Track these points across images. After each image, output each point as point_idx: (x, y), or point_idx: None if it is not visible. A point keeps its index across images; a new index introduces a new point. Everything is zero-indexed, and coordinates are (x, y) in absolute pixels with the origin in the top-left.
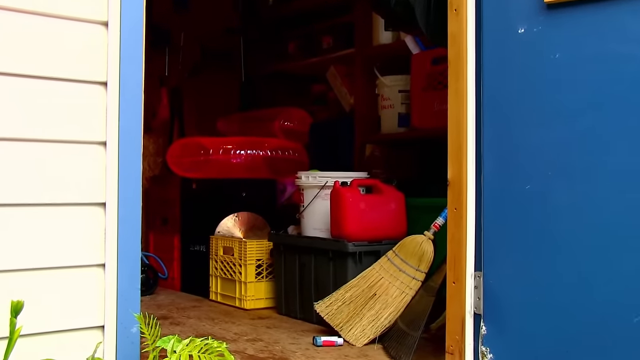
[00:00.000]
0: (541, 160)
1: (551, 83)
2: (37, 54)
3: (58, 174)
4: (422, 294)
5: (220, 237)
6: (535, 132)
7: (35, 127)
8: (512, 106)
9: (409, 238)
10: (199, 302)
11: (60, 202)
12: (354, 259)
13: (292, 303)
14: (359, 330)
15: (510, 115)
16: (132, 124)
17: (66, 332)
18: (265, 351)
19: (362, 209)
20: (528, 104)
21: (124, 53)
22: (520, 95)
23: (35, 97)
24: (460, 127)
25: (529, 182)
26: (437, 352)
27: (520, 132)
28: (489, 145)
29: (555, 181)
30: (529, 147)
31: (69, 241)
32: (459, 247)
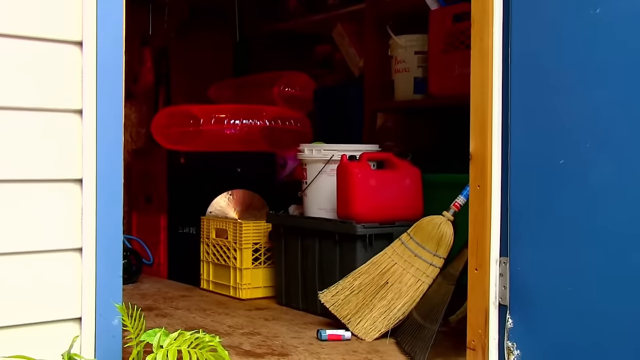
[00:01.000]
0: (578, 130)
1: (591, 42)
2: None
3: (27, 147)
4: (440, 282)
5: (213, 218)
6: (572, 98)
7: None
8: (545, 68)
9: (426, 219)
10: (188, 291)
11: (31, 179)
12: (364, 243)
13: (294, 292)
14: (369, 323)
15: (543, 79)
16: (112, 90)
17: (38, 325)
18: (263, 346)
19: (372, 187)
20: (563, 66)
21: (101, 7)
22: (554, 56)
23: None
24: (485, 94)
25: (564, 155)
26: (457, 348)
27: (554, 98)
28: (518, 113)
29: (594, 154)
30: (563, 115)
31: (40, 223)
32: (482, 230)
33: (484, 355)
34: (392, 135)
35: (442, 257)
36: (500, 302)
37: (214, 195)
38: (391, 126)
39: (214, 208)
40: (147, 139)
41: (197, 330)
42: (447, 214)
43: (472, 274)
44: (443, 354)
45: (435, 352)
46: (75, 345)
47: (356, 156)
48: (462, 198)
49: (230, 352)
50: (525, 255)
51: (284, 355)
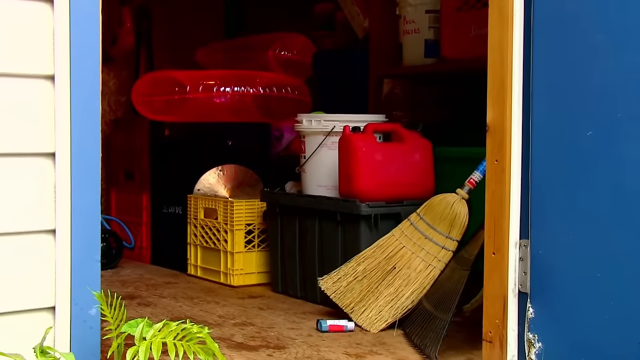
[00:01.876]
0: (608, 98)
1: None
2: None
3: None
4: (453, 267)
5: (201, 197)
6: (601, 63)
7: None
8: (572, 29)
9: (438, 198)
10: (174, 277)
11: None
12: (368, 224)
13: (291, 278)
14: (375, 313)
15: (569, 41)
16: (87, 52)
17: (6, 315)
18: (257, 338)
19: (378, 161)
20: (592, 26)
21: None
22: (581, 14)
23: None
24: (504, 57)
25: (593, 126)
26: (471, 340)
27: (581, 62)
28: (541, 79)
29: (626, 125)
30: (592, 81)
31: (7, 202)
32: (500, 209)
33: (501, 349)
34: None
35: (455, 240)
36: (520, 290)
37: (202, 171)
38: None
39: (202, 185)
40: (127, 108)
41: (183, 321)
42: (461, 192)
43: (488, 258)
44: (456, 346)
45: (447, 344)
46: (48, 338)
47: (360, 127)
48: (478, 174)
49: (220, 344)
50: (548, 238)
51: (280, 348)
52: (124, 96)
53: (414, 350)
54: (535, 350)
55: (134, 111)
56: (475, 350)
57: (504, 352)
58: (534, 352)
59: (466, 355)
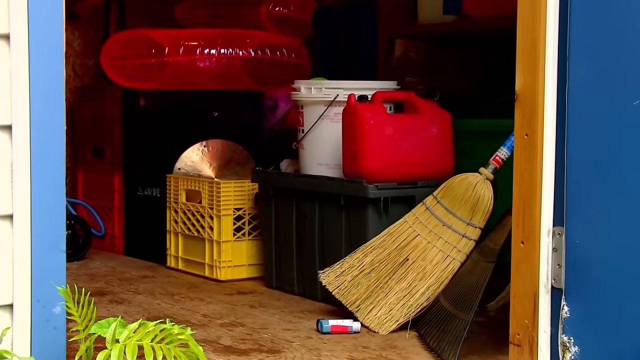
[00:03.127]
0: None
1: None
2: None
3: None
4: (475, 259)
5: (182, 177)
6: None
7: None
8: None
9: (458, 178)
10: (151, 270)
11: None
12: (377, 208)
13: (288, 272)
14: (384, 311)
15: None
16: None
17: None
18: (248, 340)
19: (388, 136)
20: None
21: None
22: None
23: None
24: (536, 14)
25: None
26: (496, 343)
27: (630, 19)
28: (580, 39)
29: None
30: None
31: None
32: (530, 191)
33: (531, 353)
34: (414, 69)
35: (478, 227)
36: (554, 285)
37: (184, 147)
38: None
39: (183, 163)
40: (96, 73)
41: (162, 320)
42: (485, 171)
43: (517, 249)
44: (479, 350)
45: (468, 348)
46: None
47: (368, 96)
48: (505, 150)
49: (205, 348)
50: (586, 225)
51: (275, 353)
52: (91, 59)
53: (429, 354)
54: (570, 355)
55: (103, 77)
56: (501, 355)
57: (534, 357)
58: (569, 357)
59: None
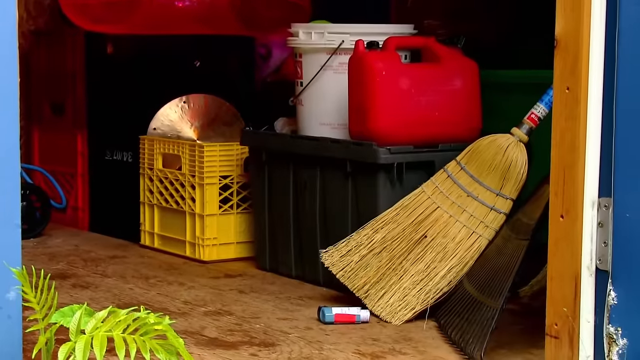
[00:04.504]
0: None
1: None
2: None
3: None
4: (506, 235)
5: (158, 139)
6: None
7: None
8: None
9: (486, 140)
10: (122, 249)
11: None
12: (390, 176)
13: (283, 251)
14: (398, 298)
15: None
16: None
17: None
18: (237, 332)
19: (403, 90)
20: None
21: None
22: None
23: None
24: None
25: None
26: (530, 335)
27: None
28: None
29: None
30: None
31: None
32: (572, 156)
33: (571, 346)
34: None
35: (509, 198)
36: (598, 266)
37: (160, 104)
38: None
39: (160, 123)
40: (54, 14)
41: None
42: (518, 132)
43: (555, 224)
44: (509, 343)
45: (497, 341)
46: None
47: (379, 43)
48: (542, 107)
49: (187, 340)
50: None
51: (269, 346)
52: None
53: (451, 348)
54: (617, 348)
55: (62, 19)
56: (535, 349)
57: (574, 350)
58: (616, 350)
59: (523, 356)
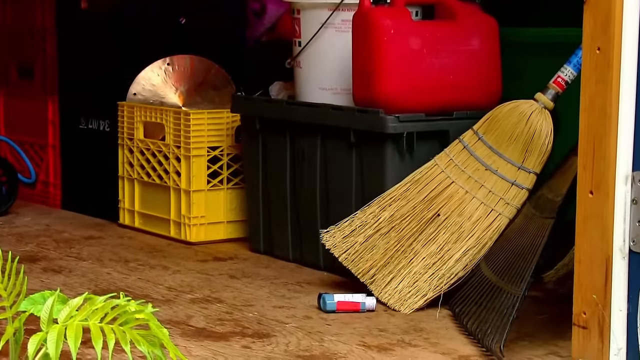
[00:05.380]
0: None
1: None
2: None
3: None
4: (529, 214)
5: (139, 105)
6: None
7: None
8: None
9: (507, 107)
10: (99, 229)
11: None
12: (399, 147)
13: (280, 232)
14: (407, 283)
15: None
16: None
17: None
18: (227, 321)
19: (414, 50)
20: None
21: None
22: None
23: None
24: None
25: None
26: (555, 325)
27: None
28: None
29: None
30: None
31: None
32: (603, 125)
33: (601, 337)
34: None
35: (532, 172)
36: (632, 248)
37: (141, 66)
38: None
39: (140, 87)
40: None
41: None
42: (543, 98)
43: (584, 201)
44: (532, 334)
45: (518, 332)
46: None
47: None
48: (570, 70)
49: (172, 330)
50: None
51: (263, 337)
52: None
53: (466, 339)
54: None
55: None
56: (561, 340)
57: (605, 342)
58: None
59: (547, 348)
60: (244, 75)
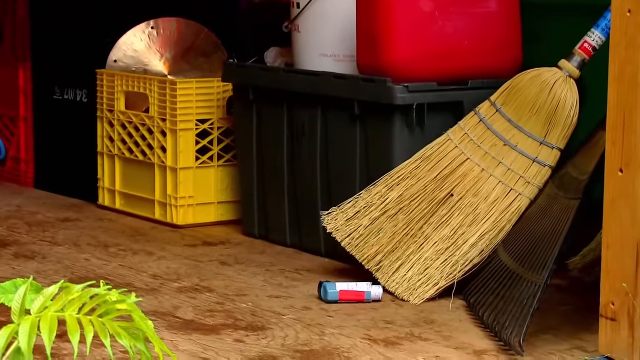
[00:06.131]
0: None
1: None
2: None
3: None
4: (552, 194)
5: (120, 74)
6: None
7: None
8: None
9: (527, 75)
10: (75, 210)
11: None
12: (408, 120)
13: (276, 214)
14: (417, 270)
15: None
16: None
17: None
18: (217, 312)
19: (425, 12)
20: None
21: None
22: None
23: None
24: None
25: None
26: (581, 316)
27: None
28: None
29: None
30: None
31: None
32: (634, 95)
33: (631, 329)
34: None
35: (556, 147)
36: None
37: (122, 29)
38: None
39: (122, 53)
40: None
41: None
42: (568, 65)
43: (612, 179)
44: (555, 327)
45: (540, 324)
46: None
47: None
48: (598, 34)
49: (157, 323)
50: None
51: (257, 330)
52: None
53: (482, 332)
54: None
55: None
56: (587, 333)
57: (635, 334)
58: None
59: (572, 342)
60: (236, 40)
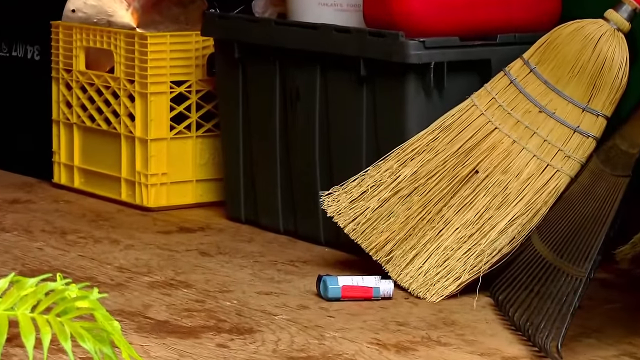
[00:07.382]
0: None
1: None
2: None
3: None
4: (596, 170)
5: (79, 26)
6: None
7: None
8: None
9: (567, 29)
10: (27, 190)
11: None
12: (424, 82)
13: (267, 195)
14: (435, 262)
15: None
16: None
17: None
18: (197, 312)
19: None
20: None
21: None
22: None
23: None
24: None
25: None
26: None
27: None
28: None
29: None
30: None
31: None
32: None
33: None
34: None
35: (602, 115)
36: None
37: None
38: None
39: (81, 2)
40: None
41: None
42: (616, 16)
43: None
44: (599, 330)
45: (582, 325)
46: None
47: None
48: None
49: (124, 324)
50: None
51: (244, 334)
52: None
53: (512, 336)
54: None
55: None
56: (637, 336)
57: None
58: None
59: (619, 347)
60: None
